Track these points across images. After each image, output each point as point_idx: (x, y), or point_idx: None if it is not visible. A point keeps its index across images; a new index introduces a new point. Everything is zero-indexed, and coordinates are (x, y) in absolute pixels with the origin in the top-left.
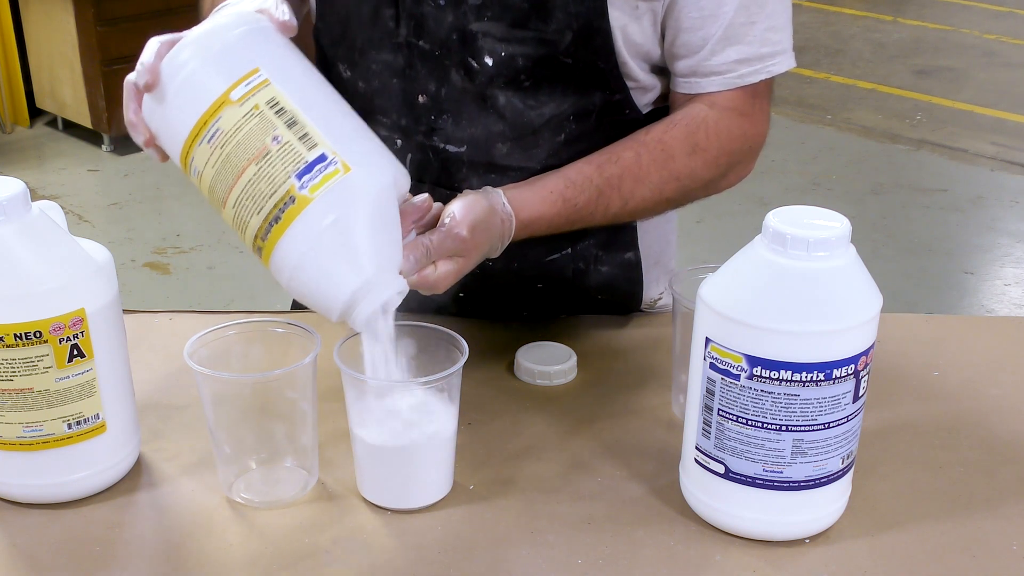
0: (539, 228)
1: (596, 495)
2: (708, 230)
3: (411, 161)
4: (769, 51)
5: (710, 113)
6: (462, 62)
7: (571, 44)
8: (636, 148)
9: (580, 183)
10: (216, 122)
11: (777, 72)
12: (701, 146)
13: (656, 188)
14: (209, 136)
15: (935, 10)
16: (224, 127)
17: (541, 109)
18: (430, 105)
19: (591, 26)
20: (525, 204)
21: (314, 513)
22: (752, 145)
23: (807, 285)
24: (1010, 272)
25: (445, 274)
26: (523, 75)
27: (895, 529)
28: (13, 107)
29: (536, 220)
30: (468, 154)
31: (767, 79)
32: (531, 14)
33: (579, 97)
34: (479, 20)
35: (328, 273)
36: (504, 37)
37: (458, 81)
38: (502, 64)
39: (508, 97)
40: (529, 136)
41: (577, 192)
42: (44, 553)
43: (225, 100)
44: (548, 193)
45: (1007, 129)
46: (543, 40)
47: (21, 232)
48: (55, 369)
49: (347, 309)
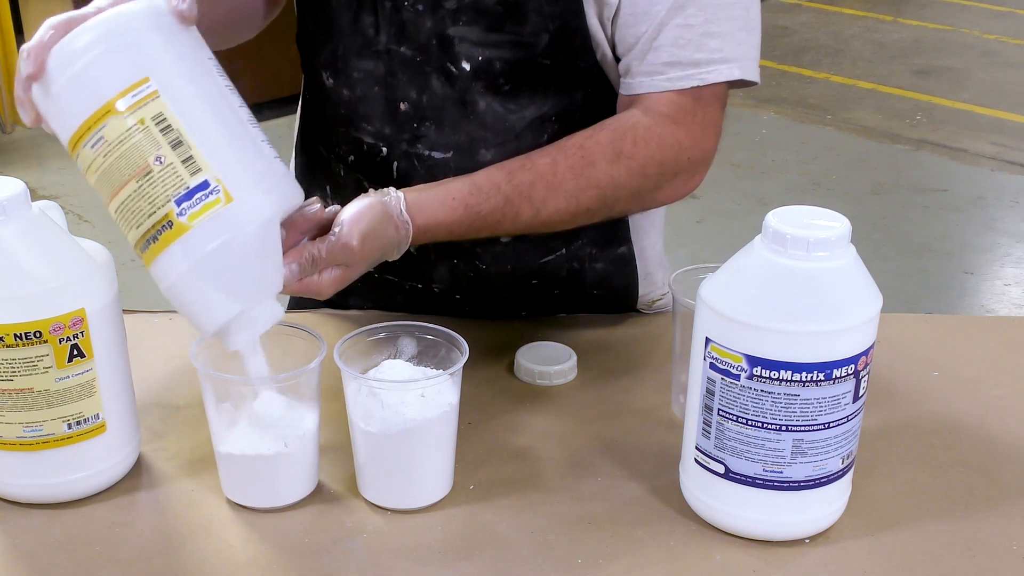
0: (439, 234)
1: (596, 495)
2: (708, 230)
3: (397, 170)
4: (705, 57)
5: (642, 119)
6: (441, 67)
7: (548, 46)
8: (553, 154)
9: (487, 189)
10: (100, 129)
11: (713, 80)
12: (626, 153)
13: (572, 197)
14: (93, 142)
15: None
16: (108, 136)
17: (522, 112)
18: (412, 112)
19: (568, 27)
20: (424, 209)
21: (314, 513)
22: (691, 157)
23: (807, 285)
24: (1010, 272)
25: (330, 281)
26: (502, 79)
27: (895, 529)
28: (13, 107)
29: (435, 226)
30: (454, 160)
31: (713, 88)
32: (506, 17)
33: (561, 97)
34: (455, 25)
35: (201, 300)
36: (480, 41)
37: (438, 87)
38: (479, 68)
39: (488, 101)
40: (512, 140)
41: (482, 199)
42: (44, 553)
43: (111, 109)
44: (451, 199)
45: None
46: (519, 43)
47: (21, 232)
48: (55, 369)
49: (219, 334)
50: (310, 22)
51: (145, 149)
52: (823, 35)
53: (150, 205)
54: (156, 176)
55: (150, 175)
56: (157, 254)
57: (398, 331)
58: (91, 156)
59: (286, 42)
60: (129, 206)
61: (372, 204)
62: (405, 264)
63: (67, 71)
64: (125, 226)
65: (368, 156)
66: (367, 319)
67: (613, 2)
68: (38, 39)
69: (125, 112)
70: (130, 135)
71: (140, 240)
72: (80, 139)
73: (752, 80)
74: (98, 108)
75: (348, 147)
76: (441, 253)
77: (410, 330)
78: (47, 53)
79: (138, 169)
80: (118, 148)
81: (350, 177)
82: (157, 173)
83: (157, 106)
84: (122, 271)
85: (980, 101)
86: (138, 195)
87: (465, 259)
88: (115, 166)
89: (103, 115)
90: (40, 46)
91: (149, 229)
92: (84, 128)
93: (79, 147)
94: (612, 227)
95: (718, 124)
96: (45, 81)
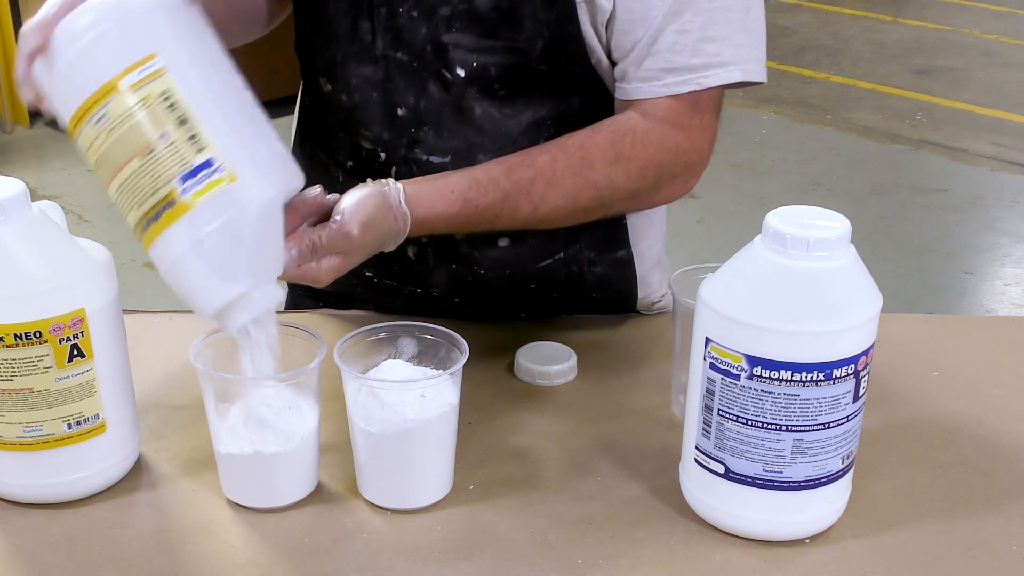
0: (437, 226)
1: (596, 495)
2: (708, 230)
3: (395, 175)
4: (702, 62)
5: (640, 122)
6: (437, 74)
7: (543, 52)
8: (553, 152)
9: (486, 184)
10: (105, 106)
11: (711, 85)
12: (625, 155)
13: (570, 195)
14: (96, 119)
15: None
16: (112, 113)
17: (519, 117)
18: (409, 118)
19: (562, 33)
20: (422, 202)
21: (314, 513)
22: (688, 160)
23: (807, 285)
24: (1010, 272)
25: (328, 269)
26: (497, 84)
27: (895, 529)
28: (13, 107)
29: (433, 219)
30: (452, 164)
31: (711, 92)
32: (500, 24)
33: (557, 102)
34: (449, 31)
35: (201, 281)
36: (475, 48)
37: (435, 93)
38: (474, 74)
39: (484, 107)
40: (509, 144)
41: (480, 193)
42: (44, 553)
43: (116, 85)
44: (449, 192)
45: (1007, 129)
46: (514, 49)
47: (21, 232)
48: (55, 369)
49: (218, 316)
50: (308, 28)
51: (150, 126)
52: (823, 35)
53: (153, 183)
54: (160, 153)
55: (154, 152)
56: (158, 234)
57: (398, 331)
58: (94, 134)
59: (286, 42)
60: (131, 185)
61: (372, 193)
62: (403, 269)
63: (72, 47)
64: (126, 206)
65: (366, 161)
66: (367, 319)
67: (608, 8)
68: (43, 14)
69: (130, 89)
70: (135, 112)
71: (141, 220)
72: (83, 117)
73: (756, 80)
74: (103, 84)
75: (347, 152)
76: (439, 258)
77: (410, 330)
78: (53, 27)
79: (142, 146)
80: (122, 125)
81: (348, 182)
82: (161, 150)
83: (163, 83)
84: (122, 271)
85: (980, 101)
86: (141, 173)
87: (463, 264)
88: (118, 143)
89: (107, 92)
90: (45, 21)
91: (151, 208)
92: (87, 105)
93: (81, 125)
94: (610, 230)
95: (715, 127)
96: (49, 57)
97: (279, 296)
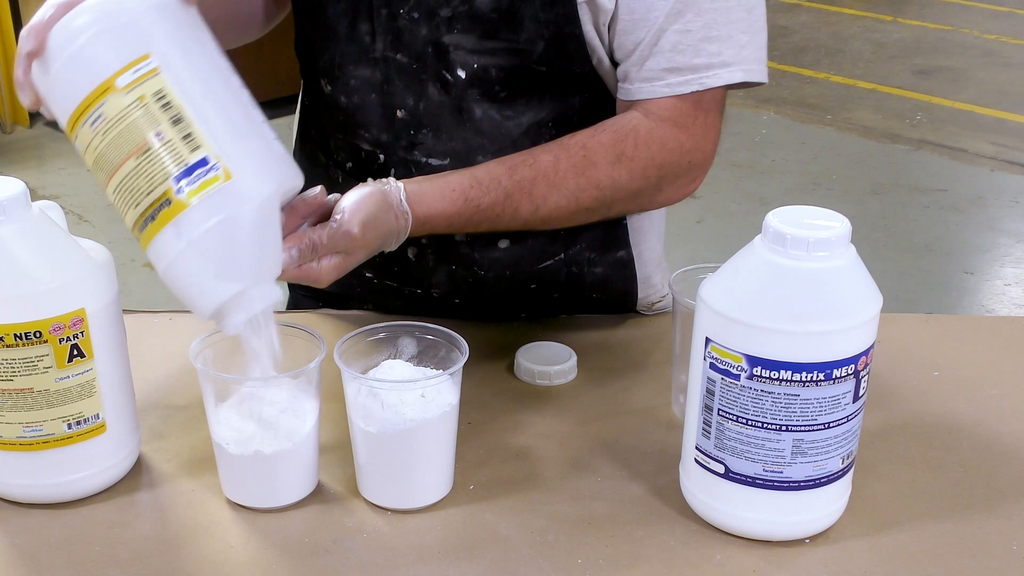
0: (438, 226)
1: (596, 495)
2: (708, 230)
3: (394, 177)
4: (704, 62)
5: (643, 122)
6: (437, 75)
7: (544, 53)
8: (556, 151)
9: (487, 183)
10: (100, 107)
11: (713, 85)
12: (628, 155)
13: (572, 195)
14: (92, 119)
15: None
16: (107, 114)
17: (519, 119)
18: (409, 120)
19: (563, 34)
20: (423, 200)
21: (314, 513)
22: (692, 160)
23: (807, 285)
24: (1010, 272)
25: (329, 268)
26: (497, 86)
27: (895, 529)
28: (13, 107)
29: (434, 218)
30: (451, 167)
31: (713, 92)
32: (500, 25)
33: (557, 103)
34: (450, 33)
35: (198, 280)
36: (475, 49)
37: (435, 94)
38: (475, 76)
39: (484, 108)
40: (509, 146)
41: (482, 192)
42: (44, 553)
43: (111, 85)
44: (451, 191)
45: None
46: (515, 50)
47: (21, 232)
48: (55, 369)
49: (216, 316)
50: (308, 29)
51: (145, 125)
52: (823, 35)
53: (148, 183)
54: (155, 153)
55: (149, 152)
56: (155, 233)
57: (398, 331)
58: (90, 134)
59: (286, 42)
60: (127, 185)
61: (372, 192)
62: (403, 270)
63: (67, 49)
64: (123, 206)
65: (366, 163)
66: (367, 319)
67: (610, 8)
68: (39, 17)
69: (125, 89)
70: (130, 112)
71: (138, 220)
72: (79, 118)
73: (757, 81)
74: (98, 85)
75: (346, 154)
76: (439, 259)
77: (410, 330)
78: (48, 31)
79: (137, 146)
80: (117, 126)
81: (348, 183)
82: (156, 150)
83: (157, 83)
84: (122, 271)
85: (980, 101)
86: (137, 173)
87: (463, 265)
88: (114, 144)
89: (102, 92)
90: (41, 24)
91: (147, 208)
92: (83, 106)
93: (78, 127)
94: (611, 231)
95: (719, 126)
96: (45, 60)
97: (277, 295)
